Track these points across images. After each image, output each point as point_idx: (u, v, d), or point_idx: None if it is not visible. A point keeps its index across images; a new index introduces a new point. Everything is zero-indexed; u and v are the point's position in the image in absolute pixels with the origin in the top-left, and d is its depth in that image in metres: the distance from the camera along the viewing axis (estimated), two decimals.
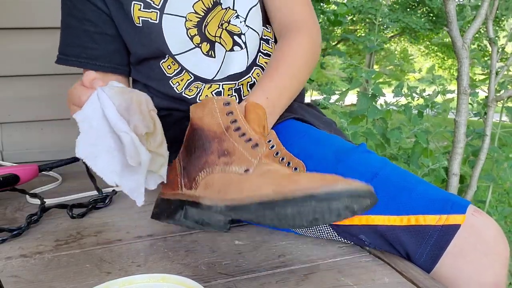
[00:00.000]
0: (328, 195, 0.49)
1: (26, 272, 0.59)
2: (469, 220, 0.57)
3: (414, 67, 13.29)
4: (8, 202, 0.90)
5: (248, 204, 0.52)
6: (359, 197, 0.49)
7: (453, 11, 1.63)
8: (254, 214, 0.51)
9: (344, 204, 0.49)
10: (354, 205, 0.50)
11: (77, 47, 0.82)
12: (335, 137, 0.73)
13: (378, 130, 1.94)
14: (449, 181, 1.75)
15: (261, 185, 0.52)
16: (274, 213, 0.50)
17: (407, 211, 0.59)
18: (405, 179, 0.63)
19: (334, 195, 0.49)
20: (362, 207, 0.51)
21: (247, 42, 0.83)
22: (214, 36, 0.80)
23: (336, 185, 0.49)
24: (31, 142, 1.31)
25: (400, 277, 0.56)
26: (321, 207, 0.49)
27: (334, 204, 0.49)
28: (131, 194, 0.57)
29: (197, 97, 0.83)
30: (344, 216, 0.51)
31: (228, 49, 0.82)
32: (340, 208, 0.50)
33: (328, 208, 0.49)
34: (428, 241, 0.58)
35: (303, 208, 0.49)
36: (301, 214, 0.50)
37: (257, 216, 0.52)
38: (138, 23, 0.78)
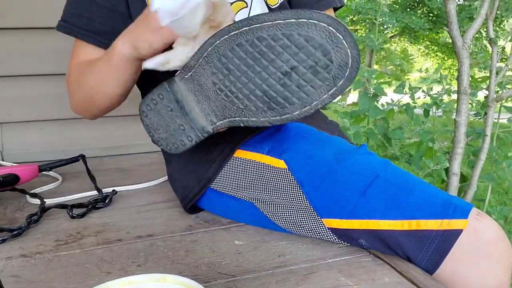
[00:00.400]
0: (306, 10, 0.50)
1: (26, 272, 0.59)
2: (472, 224, 0.56)
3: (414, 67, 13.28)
4: (8, 202, 0.90)
5: (227, 26, 0.55)
6: (337, 26, 0.49)
7: (453, 11, 1.63)
8: (232, 37, 0.54)
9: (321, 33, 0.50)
10: (332, 47, 0.50)
11: (83, 18, 0.80)
12: (336, 139, 0.73)
13: (379, 130, 1.93)
14: (449, 181, 1.75)
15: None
16: (250, 35, 0.52)
17: (408, 215, 0.58)
18: (406, 181, 0.62)
19: (312, 12, 0.50)
20: (340, 60, 0.51)
21: None
22: None
23: (317, 11, 0.50)
24: (31, 142, 1.31)
25: (400, 277, 0.56)
26: (298, 31, 0.50)
27: (311, 29, 0.50)
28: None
29: None
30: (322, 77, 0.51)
31: None
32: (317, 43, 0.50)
33: (304, 36, 0.50)
34: (429, 246, 0.57)
35: (280, 30, 0.51)
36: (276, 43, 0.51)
37: (232, 44, 0.54)
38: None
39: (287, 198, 0.66)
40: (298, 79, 0.53)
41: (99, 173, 1.01)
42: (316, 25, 0.49)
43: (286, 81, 0.54)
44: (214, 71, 0.57)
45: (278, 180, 0.67)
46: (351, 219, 0.62)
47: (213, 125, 0.61)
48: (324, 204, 0.63)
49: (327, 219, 0.63)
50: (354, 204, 0.61)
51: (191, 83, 0.60)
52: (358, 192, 0.61)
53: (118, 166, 1.23)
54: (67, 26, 0.81)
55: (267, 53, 0.52)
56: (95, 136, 1.35)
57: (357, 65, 0.50)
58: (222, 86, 0.58)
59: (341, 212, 0.62)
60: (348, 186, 0.62)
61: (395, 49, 14.71)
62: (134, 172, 1.14)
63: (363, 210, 0.60)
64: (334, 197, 0.63)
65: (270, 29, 0.51)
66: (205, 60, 0.58)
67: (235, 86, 0.57)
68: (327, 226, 0.64)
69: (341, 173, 0.63)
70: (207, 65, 0.58)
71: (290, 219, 0.67)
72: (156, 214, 0.81)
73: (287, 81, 0.54)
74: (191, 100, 0.61)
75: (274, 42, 0.51)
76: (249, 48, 0.53)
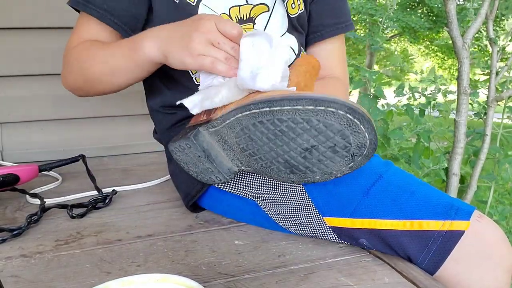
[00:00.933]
0: (325, 97, 0.50)
1: (26, 272, 0.59)
2: (474, 226, 0.56)
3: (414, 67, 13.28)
4: (8, 202, 0.90)
5: (249, 103, 0.54)
6: (355, 114, 0.49)
7: (453, 11, 1.63)
8: (252, 115, 0.54)
9: (340, 121, 0.50)
10: (350, 132, 0.51)
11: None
12: None
13: (379, 131, 1.94)
14: (449, 181, 1.75)
15: (272, 93, 0.54)
16: (271, 116, 0.53)
17: (410, 216, 0.59)
18: (409, 182, 0.62)
19: (330, 98, 0.50)
20: (358, 142, 0.51)
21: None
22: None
23: (335, 97, 0.50)
24: (31, 142, 1.30)
25: (400, 277, 0.56)
26: (316, 117, 0.51)
27: (330, 116, 0.50)
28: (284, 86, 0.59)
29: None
30: (341, 156, 0.52)
31: None
32: (335, 129, 0.51)
33: (323, 122, 0.51)
34: (431, 247, 0.57)
35: (299, 115, 0.51)
36: (296, 126, 0.52)
37: (253, 121, 0.54)
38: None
39: (289, 196, 0.66)
40: (318, 155, 0.55)
41: (99, 173, 1.01)
42: (334, 113, 0.50)
43: (307, 155, 0.56)
44: (237, 136, 0.59)
45: None
46: (353, 218, 0.62)
47: (239, 167, 0.64)
48: (326, 203, 0.64)
49: (329, 217, 0.63)
50: (357, 203, 0.61)
51: (215, 136, 0.62)
52: (361, 191, 0.61)
53: (118, 166, 1.23)
54: (81, 2, 0.78)
55: (287, 132, 0.54)
56: (95, 136, 1.35)
57: (374, 146, 0.52)
58: (245, 147, 0.60)
59: (344, 210, 0.62)
60: (351, 186, 0.62)
61: (395, 49, 14.70)
62: (134, 172, 1.14)
63: (366, 209, 0.61)
64: (336, 195, 0.63)
65: (290, 113, 0.52)
66: (228, 126, 0.59)
67: (258, 151, 0.59)
68: (329, 225, 0.64)
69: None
70: (230, 130, 0.59)
71: (292, 217, 0.67)
72: (156, 214, 0.81)
73: (307, 155, 0.56)
74: (217, 148, 0.63)
75: (294, 124, 0.53)
76: (270, 126, 0.54)
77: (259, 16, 0.79)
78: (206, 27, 0.59)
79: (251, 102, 0.54)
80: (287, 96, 0.51)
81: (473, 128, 1.88)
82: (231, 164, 0.64)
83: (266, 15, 0.80)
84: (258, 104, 0.53)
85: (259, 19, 0.79)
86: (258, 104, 0.53)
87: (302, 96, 0.51)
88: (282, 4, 0.81)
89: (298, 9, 0.82)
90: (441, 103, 2.16)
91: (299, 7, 0.82)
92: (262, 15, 0.80)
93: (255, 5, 0.78)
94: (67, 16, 0.84)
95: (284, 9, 0.81)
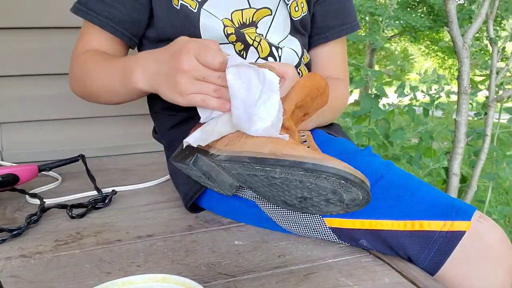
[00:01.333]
0: (316, 166, 0.49)
1: (26, 272, 0.59)
2: (475, 227, 0.56)
3: (415, 67, 13.28)
4: (8, 202, 0.90)
5: (243, 157, 0.54)
6: (347, 180, 0.49)
7: (453, 10, 1.63)
8: (246, 167, 0.54)
9: (332, 184, 0.50)
10: (342, 191, 0.50)
11: (101, 2, 0.78)
12: (341, 140, 0.73)
13: (380, 131, 1.94)
14: (450, 181, 1.75)
15: (263, 144, 0.54)
16: (264, 172, 0.53)
17: (411, 216, 0.58)
18: (410, 182, 0.62)
19: (322, 168, 0.49)
20: (351, 197, 0.51)
21: (282, 56, 0.81)
22: (253, 40, 0.78)
23: (328, 161, 0.49)
24: (31, 142, 1.31)
25: (400, 277, 0.56)
26: (308, 180, 0.50)
27: (322, 180, 0.50)
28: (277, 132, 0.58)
29: None
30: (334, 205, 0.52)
31: (262, 57, 0.80)
32: (328, 189, 0.50)
33: (315, 184, 0.50)
34: (431, 247, 0.57)
35: (291, 175, 0.51)
36: (289, 183, 0.52)
37: (248, 172, 0.54)
38: (176, 5, 0.75)
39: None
40: (312, 202, 0.56)
41: (99, 173, 1.01)
42: (327, 179, 0.50)
43: (302, 200, 0.56)
44: (233, 176, 0.60)
45: None
46: (353, 218, 0.61)
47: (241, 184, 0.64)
48: None
49: (329, 218, 0.63)
50: None
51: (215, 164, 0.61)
52: None
53: (118, 166, 1.22)
54: (83, 10, 0.79)
55: (281, 185, 0.54)
56: (95, 136, 1.35)
57: (366, 200, 0.53)
58: (243, 184, 0.61)
59: None
60: None
61: (395, 49, 14.71)
62: (134, 172, 1.14)
63: (366, 209, 0.60)
64: None
65: (282, 174, 0.52)
66: (223, 168, 0.59)
67: (255, 189, 0.60)
68: (329, 226, 0.64)
69: None
70: (226, 171, 0.60)
71: (292, 217, 0.67)
72: (156, 214, 0.81)
73: (303, 201, 0.57)
74: (217, 169, 0.62)
75: (288, 182, 0.53)
76: (264, 180, 0.55)
77: (262, 20, 0.79)
78: (187, 65, 0.57)
79: (244, 157, 0.54)
80: (280, 161, 0.51)
81: (473, 128, 1.88)
82: (232, 180, 0.64)
83: (269, 18, 0.80)
84: (250, 163, 0.53)
85: (261, 23, 0.79)
86: (250, 162, 0.53)
87: (293, 163, 0.50)
88: (285, 7, 0.80)
89: (301, 12, 0.82)
90: (444, 102, 2.16)
91: (303, 10, 0.82)
92: (265, 19, 0.79)
93: (258, 9, 0.78)
94: (67, 16, 0.84)
95: (287, 12, 0.81)
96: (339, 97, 0.86)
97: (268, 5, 0.79)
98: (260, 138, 0.56)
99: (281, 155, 0.51)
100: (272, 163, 0.51)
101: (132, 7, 0.78)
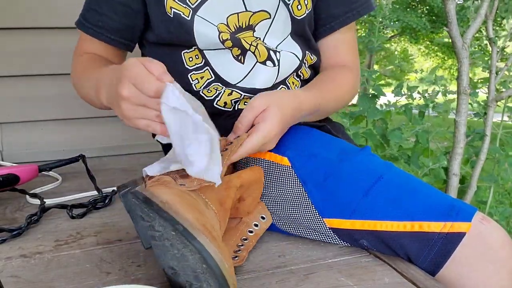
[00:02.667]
0: (185, 232, 0.46)
1: (26, 272, 0.59)
2: (477, 228, 0.56)
3: (415, 67, 13.29)
4: (8, 202, 0.90)
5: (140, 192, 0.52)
6: (209, 266, 0.45)
7: (452, 11, 1.63)
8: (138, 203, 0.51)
9: (195, 263, 0.46)
10: (203, 279, 0.47)
11: (96, 14, 0.80)
12: (340, 140, 0.73)
13: (378, 131, 1.94)
14: (449, 181, 1.75)
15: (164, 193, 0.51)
16: (147, 215, 0.50)
17: (411, 217, 0.58)
18: (410, 183, 0.62)
19: (190, 236, 0.46)
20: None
21: (281, 60, 0.80)
22: (249, 45, 0.77)
23: (204, 236, 0.46)
24: (31, 142, 1.31)
25: (400, 277, 0.56)
26: (177, 245, 0.47)
27: (187, 252, 0.47)
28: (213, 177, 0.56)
29: (215, 99, 0.80)
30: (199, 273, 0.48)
31: (261, 61, 0.79)
32: (191, 268, 0.47)
33: (182, 254, 0.47)
34: (431, 248, 0.57)
35: (166, 233, 0.48)
36: (164, 242, 0.49)
37: (140, 208, 0.52)
38: (169, 13, 0.75)
39: (289, 195, 0.66)
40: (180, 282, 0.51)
41: (99, 173, 1.01)
42: (192, 252, 0.46)
43: (174, 275, 0.52)
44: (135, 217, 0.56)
45: (281, 176, 0.67)
46: (353, 219, 0.61)
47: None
48: (326, 203, 0.63)
49: (329, 218, 0.63)
50: (356, 204, 0.61)
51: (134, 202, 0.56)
52: (361, 192, 0.61)
53: (118, 166, 1.22)
54: (82, 23, 0.82)
55: (159, 243, 0.51)
56: (95, 136, 1.35)
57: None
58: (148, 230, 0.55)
59: (343, 211, 0.62)
60: (351, 186, 0.62)
61: (395, 49, 14.70)
62: (134, 172, 1.14)
63: (366, 210, 0.60)
64: (336, 196, 0.63)
65: (160, 227, 0.49)
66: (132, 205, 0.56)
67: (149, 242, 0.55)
68: (329, 226, 0.64)
69: (344, 172, 0.63)
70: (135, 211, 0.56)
71: (292, 218, 0.67)
72: None
73: (174, 276, 0.52)
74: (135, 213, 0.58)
75: (162, 240, 0.50)
76: (149, 228, 0.51)
77: (260, 23, 0.78)
78: (126, 92, 0.56)
79: (142, 194, 0.51)
80: (161, 211, 0.48)
81: (473, 128, 1.88)
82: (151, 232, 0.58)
83: (268, 22, 0.78)
84: (142, 202, 0.50)
85: (259, 26, 0.78)
86: (142, 201, 0.50)
87: (170, 218, 0.47)
88: (285, 8, 0.78)
89: (305, 9, 0.80)
90: (440, 103, 2.16)
91: (307, 7, 0.80)
92: (263, 22, 0.78)
93: (254, 12, 0.77)
94: (68, 16, 0.84)
95: (287, 13, 0.79)
96: (342, 85, 0.83)
97: (266, 8, 0.77)
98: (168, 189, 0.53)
99: (168, 208, 0.48)
100: (156, 210, 0.48)
101: (125, 14, 0.79)
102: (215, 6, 0.75)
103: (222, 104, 0.81)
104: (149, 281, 0.56)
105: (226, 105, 0.81)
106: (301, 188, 0.65)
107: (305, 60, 0.84)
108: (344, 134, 0.86)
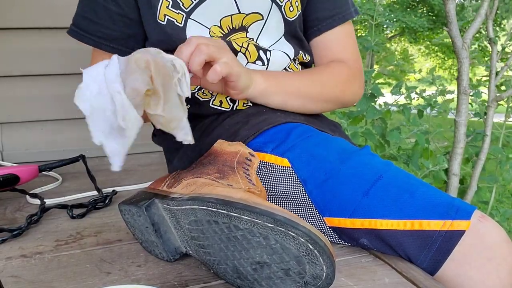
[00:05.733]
0: (287, 221, 0.46)
1: (26, 272, 0.59)
2: (475, 226, 0.56)
3: (415, 67, 13.29)
4: (8, 202, 0.90)
5: (209, 197, 0.51)
6: (316, 246, 0.45)
7: (452, 11, 1.63)
8: (209, 211, 0.50)
9: (298, 248, 0.46)
10: (307, 261, 0.47)
11: (93, 23, 0.78)
12: (339, 139, 0.73)
13: (377, 131, 1.94)
14: (449, 181, 1.75)
15: (234, 192, 0.51)
16: (227, 219, 0.49)
17: (410, 215, 0.58)
18: (409, 182, 0.62)
19: (293, 223, 0.46)
20: (314, 273, 0.47)
21: (271, 59, 0.80)
22: (240, 46, 0.78)
23: (300, 220, 0.46)
24: (31, 142, 1.31)
25: (400, 277, 0.56)
26: (275, 236, 0.47)
27: (289, 240, 0.46)
28: (112, 156, 0.54)
29: (210, 101, 0.81)
30: (292, 280, 0.48)
31: (251, 62, 0.79)
32: (292, 254, 0.47)
33: (281, 244, 0.47)
34: (431, 247, 0.57)
35: (257, 227, 0.47)
36: (252, 237, 0.48)
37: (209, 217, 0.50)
38: (162, 20, 0.75)
39: (290, 196, 0.66)
40: (269, 272, 0.50)
41: (99, 173, 1.01)
42: (294, 238, 0.46)
43: (258, 268, 0.51)
44: (190, 224, 0.54)
45: (281, 178, 0.67)
46: (353, 218, 0.62)
47: (187, 251, 0.58)
48: (326, 203, 0.63)
49: (329, 217, 0.63)
50: (356, 203, 0.61)
51: (169, 213, 0.57)
52: (361, 191, 0.61)
53: None
54: (77, 32, 0.80)
55: (241, 241, 0.49)
56: None
57: (330, 281, 0.48)
58: (196, 237, 0.54)
59: (344, 211, 0.62)
60: (351, 186, 0.62)
61: (395, 49, 14.71)
62: (134, 172, 1.14)
63: (366, 209, 0.60)
64: (336, 196, 0.63)
65: (248, 223, 0.48)
66: (183, 212, 0.54)
67: (208, 246, 0.53)
68: (329, 225, 0.64)
69: (344, 172, 0.63)
70: (184, 216, 0.54)
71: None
72: None
73: (258, 269, 0.51)
74: (168, 224, 0.58)
75: (250, 236, 0.48)
76: (225, 229, 0.50)
77: (253, 24, 0.79)
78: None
79: (210, 198, 0.50)
80: (250, 207, 0.47)
81: (473, 128, 1.88)
82: (180, 244, 0.59)
83: (260, 23, 0.79)
84: (216, 204, 0.49)
85: (252, 27, 0.79)
86: (216, 204, 0.49)
87: (265, 212, 0.47)
88: (278, 9, 0.79)
89: (296, 11, 0.81)
90: (440, 103, 2.16)
91: (297, 8, 0.81)
92: (256, 24, 0.79)
93: (247, 14, 0.77)
94: (68, 17, 0.84)
95: (280, 15, 0.80)
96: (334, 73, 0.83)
97: (259, 10, 0.78)
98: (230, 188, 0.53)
99: (252, 203, 0.48)
100: (241, 207, 0.48)
101: (124, 24, 0.79)
102: (209, 9, 0.75)
103: (218, 103, 0.81)
104: (149, 281, 0.56)
105: (223, 104, 0.81)
106: (301, 189, 0.65)
107: (296, 58, 0.85)
108: (341, 134, 0.86)
